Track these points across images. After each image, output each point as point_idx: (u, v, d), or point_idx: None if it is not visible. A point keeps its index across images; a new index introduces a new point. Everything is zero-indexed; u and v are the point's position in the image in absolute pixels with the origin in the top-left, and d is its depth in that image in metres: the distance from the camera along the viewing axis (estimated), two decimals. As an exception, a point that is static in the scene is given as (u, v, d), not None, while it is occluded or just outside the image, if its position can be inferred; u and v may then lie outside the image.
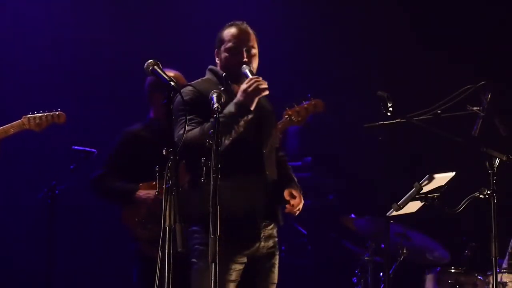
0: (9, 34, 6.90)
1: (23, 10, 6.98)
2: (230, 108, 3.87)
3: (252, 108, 3.88)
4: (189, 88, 4.04)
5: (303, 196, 4.10)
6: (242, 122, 3.86)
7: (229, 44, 4.05)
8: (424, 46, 7.12)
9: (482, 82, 4.13)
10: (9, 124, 5.07)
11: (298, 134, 7.08)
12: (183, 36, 7.08)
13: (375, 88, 4.18)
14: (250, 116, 3.87)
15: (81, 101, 6.75)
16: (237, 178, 3.82)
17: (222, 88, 3.98)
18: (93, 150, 5.51)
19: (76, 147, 5.54)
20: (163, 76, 3.54)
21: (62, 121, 5.18)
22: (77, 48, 7.03)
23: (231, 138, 3.85)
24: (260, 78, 3.91)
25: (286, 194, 4.01)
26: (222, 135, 3.71)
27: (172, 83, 3.48)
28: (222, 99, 3.67)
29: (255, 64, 4.08)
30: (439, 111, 4.06)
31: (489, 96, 4.13)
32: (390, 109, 4.07)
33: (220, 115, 3.59)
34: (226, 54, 4.06)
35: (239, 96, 3.89)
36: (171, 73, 4.59)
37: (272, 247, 4.08)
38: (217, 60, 4.15)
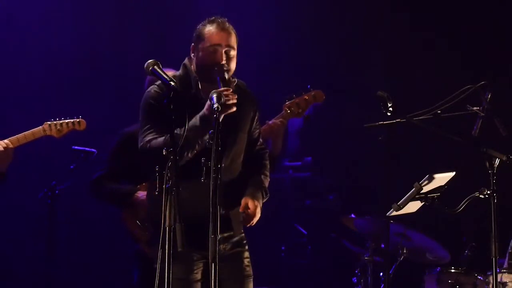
0: (8, 38, 6.90)
1: (21, 12, 6.98)
2: (195, 121, 3.74)
3: None
4: (155, 88, 3.92)
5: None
6: (207, 136, 3.72)
7: (207, 44, 3.89)
8: (424, 46, 7.12)
9: (482, 82, 4.13)
10: (30, 130, 5.06)
11: (299, 134, 7.08)
12: (182, 36, 7.06)
13: (375, 87, 4.18)
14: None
15: (81, 101, 6.73)
16: (191, 184, 3.59)
17: (194, 91, 3.89)
18: (93, 150, 5.51)
19: (76, 147, 5.54)
20: (163, 76, 3.54)
21: (82, 128, 5.13)
22: (77, 48, 7.02)
23: (195, 151, 3.75)
24: (230, 91, 3.71)
25: (241, 205, 3.89)
26: (186, 149, 3.67)
27: (172, 83, 3.49)
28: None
29: (232, 65, 3.91)
30: (439, 111, 4.05)
31: (489, 96, 4.13)
32: (390, 109, 4.06)
33: (185, 129, 3.53)
34: (203, 53, 3.90)
35: (205, 109, 3.74)
36: (170, 72, 4.60)
37: (236, 246, 3.99)
38: (192, 56, 3.98)
